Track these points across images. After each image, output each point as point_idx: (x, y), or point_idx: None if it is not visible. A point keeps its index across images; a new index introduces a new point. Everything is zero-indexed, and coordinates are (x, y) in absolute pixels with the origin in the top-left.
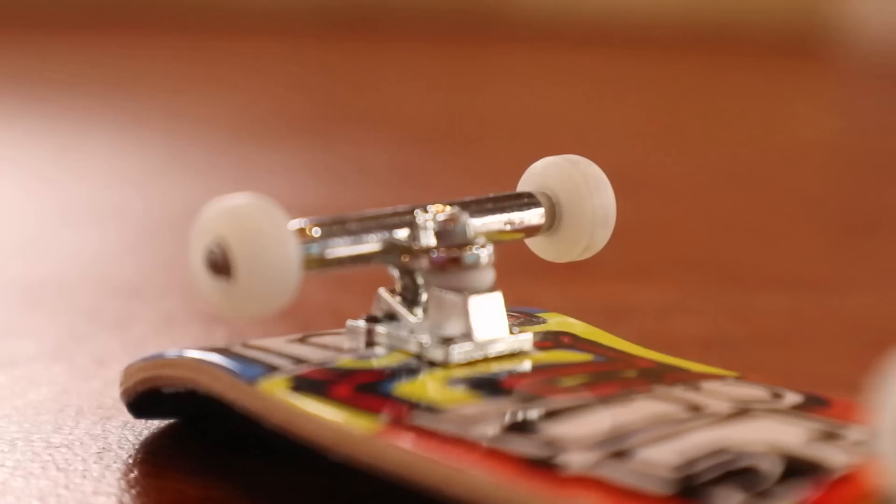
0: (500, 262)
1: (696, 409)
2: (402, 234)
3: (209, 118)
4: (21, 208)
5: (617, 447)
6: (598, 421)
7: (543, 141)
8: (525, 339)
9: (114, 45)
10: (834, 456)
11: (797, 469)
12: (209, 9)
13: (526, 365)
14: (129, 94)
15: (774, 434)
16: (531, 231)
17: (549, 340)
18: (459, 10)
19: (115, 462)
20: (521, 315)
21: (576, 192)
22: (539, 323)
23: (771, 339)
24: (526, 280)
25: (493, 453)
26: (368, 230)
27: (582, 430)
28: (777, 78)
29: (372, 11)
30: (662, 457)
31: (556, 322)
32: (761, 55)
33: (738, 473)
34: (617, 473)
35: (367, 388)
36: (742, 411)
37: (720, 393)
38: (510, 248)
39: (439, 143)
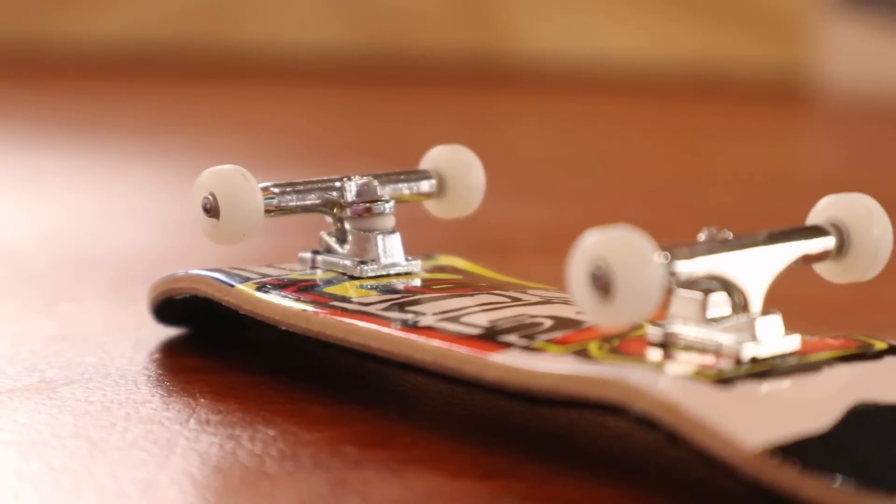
0: (440, 242)
1: (515, 300)
2: (334, 193)
3: (239, 148)
4: (86, 211)
5: (453, 315)
6: (447, 304)
7: (531, 170)
8: (416, 265)
9: (158, 91)
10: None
11: (561, 324)
12: (242, 58)
13: (414, 280)
14: (169, 131)
15: (556, 310)
16: (425, 196)
17: (437, 269)
18: (472, 60)
19: (144, 349)
20: (423, 255)
21: (456, 170)
22: (432, 259)
23: None
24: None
25: (378, 318)
26: (311, 190)
27: (435, 308)
28: (757, 121)
29: (393, 61)
30: (479, 319)
31: (445, 259)
32: (747, 103)
33: (523, 325)
34: (448, 326)
35: (306, 289)
36: (545, 301)
37: (538, 294)
38: (448, 230)
39: None
